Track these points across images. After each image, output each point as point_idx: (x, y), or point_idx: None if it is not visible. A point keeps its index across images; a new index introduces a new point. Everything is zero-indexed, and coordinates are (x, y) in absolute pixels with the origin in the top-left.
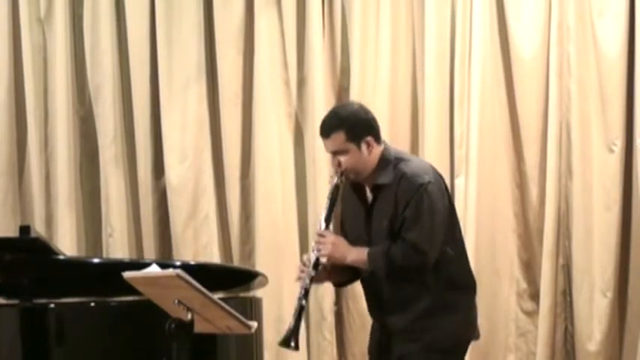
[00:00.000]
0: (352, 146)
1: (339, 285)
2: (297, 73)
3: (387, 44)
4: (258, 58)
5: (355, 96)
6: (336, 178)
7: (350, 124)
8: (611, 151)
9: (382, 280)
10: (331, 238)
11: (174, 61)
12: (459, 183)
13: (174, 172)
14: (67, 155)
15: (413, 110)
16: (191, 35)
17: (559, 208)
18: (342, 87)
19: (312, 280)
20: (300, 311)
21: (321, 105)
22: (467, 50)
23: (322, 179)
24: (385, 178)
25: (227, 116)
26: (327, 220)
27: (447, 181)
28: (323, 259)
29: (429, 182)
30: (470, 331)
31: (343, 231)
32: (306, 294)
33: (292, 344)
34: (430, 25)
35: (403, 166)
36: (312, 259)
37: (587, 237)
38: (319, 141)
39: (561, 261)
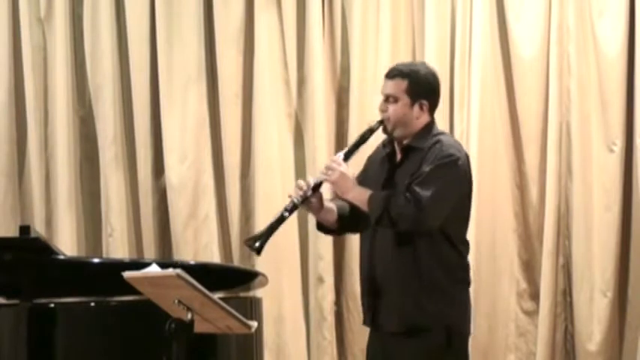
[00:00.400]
0: (407, 99)
1: (321, 227)
2: (297, 73)
3: (387, 44)
4: (258, 58)
5: (355, 96)
6: (374, 123)
7: (417, 79)
8: (611, 151)
9: (382, 239)
10: (342, 168)
11: (175, 61)
12: None
13: (174, 172)
14: (67, 155)
15: None
16: (191, 35)
17: (559, 208)
18: (342, 87)
19: (305, 199)
20: (280, 220)
21: (321, 105)
22: (467, 50)
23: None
24: (420, 143)
25: (227, 116)
26: (347, 154)
27: None
28: (325, 191)
29: (459, 158)
30: (461, 325)
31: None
32: (293, 208)
33: (257, 245)
34: (430, 25)
35: (442, 137)
36: (316, 180)
37: (587, 237)
38: (319, 141)
39: (561, 261)
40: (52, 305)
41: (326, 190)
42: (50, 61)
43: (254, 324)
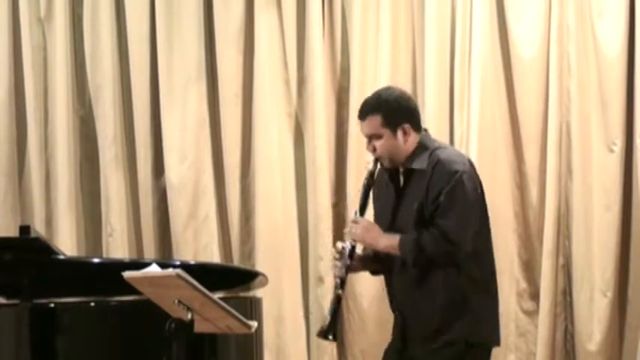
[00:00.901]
0: (387, 132)
1: (376, 273)
2: (297, 73)
3: (387, 44)
4: (258, 58)
5: (355, 96)
6: (371, 165)
7: (388, 109)
8: (611, 151)
9: (409, 268)
10: (364, 222)
11: (175, 61)
12: None
13: (174, 172)
14: (67, 155)
15: None
16: (191, 35)
17: (559, 208)
18: (342, 87)
19: (349, 269)
20: (338, 302)
21: (321, 105)
22: (467, 50)
23: (322, 179)
24: (419, 164)
25: (227, 116)
26: (362, 208)
27: None
28: (358, 247)
29: (464, 172)
30: (485, 334)
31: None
32: (342, 284)
33: (330, 337)
34: (430, 25)
35: (439, 153)
36: (348, 247)
37: (587, 237)
38: (319, 141)
39: (561, 261)
40: (52, 305)
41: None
42: (50, 61)
43: (254, 324)
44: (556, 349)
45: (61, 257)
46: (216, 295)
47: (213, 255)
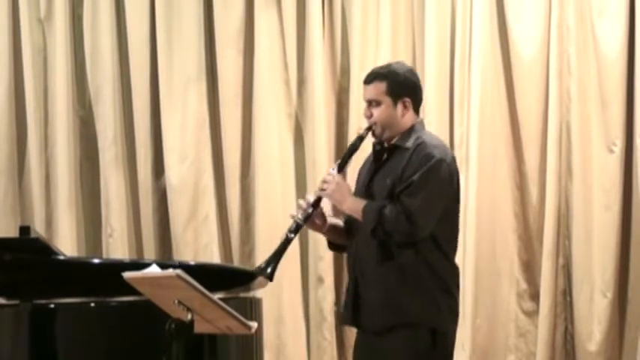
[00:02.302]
0: (388, 100)
1: (333, 247)
2: (297, 73)
3: (387, 44)
4: (258, 58)
5: (355, 96)
6: (363, 130)
7: (394, 79)
8: (611, 151)
9: (367, 236)
10: (337, 179)
11: (175, 61)
12: None
13: (174, 172)
14: (67, 156)
15: None
16: (191, 35)
17: (559, 208)
18: (342, 87)
19: (308, 217)
20: (286, 243)
21: (321, 105)
22: (467, 50)
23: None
24: (405, 142)
25: (227, 116)
26: (341, 166)
27: None
28: (324, 202)
29: (443, 159)
30: (444, 323)
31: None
32: (297, 228)
33: (268, 271)
34: (430, 25)
35: (425, 137)
36: (314, 196)
37: (587, 237)
38: (319, 141)
39: (561, 261)
40: (52, 306)
41: (326, 207)
42: (50, 62)
43: (254, 324)
44: (556, 349)
45: (61, 257)
46: (216, 296)
47: (213, 255)
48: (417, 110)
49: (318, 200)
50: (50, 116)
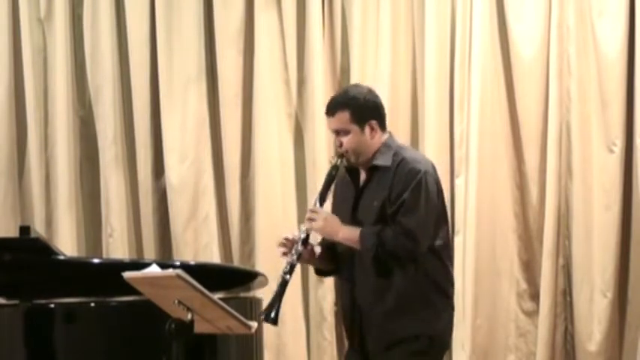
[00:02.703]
0: (355, 128)
1: (320, 272)
2: (297, 73)
3: (387, 44)
4: (258, 58)
5: None
6: (335, 159)
7: (356, 105)
8: (611, 151)
9: (368, 263)
10: (323, 214)
11: (175, 61)
12: (459, 183)
13: (174, 172)
14: (67, 156)
15: (413, 110)
16: (191, 35)
17: (559, 208)
18: (342, 87)
19: (300, 256)
20: (284, 285)
21: (321, 105)
22: (467, 50)
23: (322, 179)
24: (383, 161)
25: (227, 116)
26: (322, 198)
27: (447, 181)
28: (314, 238)
29: (427, 171)
30: (443, 330)
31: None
32: (291, 269)
33: (271, 317)
34: (430, 25)
35: (403, 152)
36: (303, 234)
37: (587, 237)
38: (319, 141)
39: (561, 261)
40: (52, 305)
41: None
42: (50, 62)
43: (254, 324)
44: (556, 349)
45: (61, 257)
46: (217, 296)
47: (213, 255)
48: (384, 127)
49: (307, 237)
50: (50, 116)
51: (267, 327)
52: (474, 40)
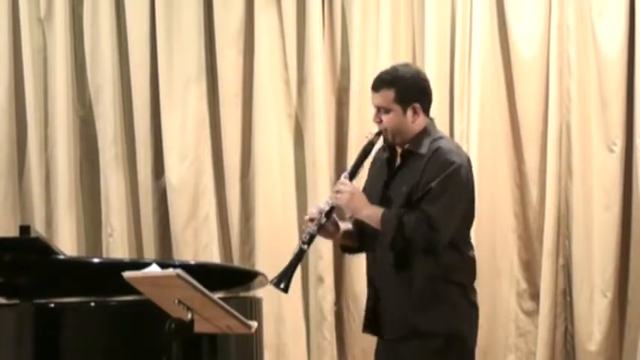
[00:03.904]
0: (397, 108)
1: (346, 249)
2: (297, 73)
3: (387, 44)
4: (258, 58)
5: (355, 96)
6: (373, 135)
7: (403, 86)
8: (611, 151)
9: (386, 246)
10: (351, 188)
11: (175, 61)
12: None
13: (174, 172)
14: (67, 155)
15: None
16: (191, 35)
17: (559, 208)
18: (342, 87)
19: (321, 227)
20: (300, 255)
21: (321, 105)
22: (467, 50)
23: (322, 179)
24: (419, 148)
25: (227, 116)
26: (352, 173)
27: None
28: (339, 208)
29: (462, 165)
30: (463, 329)
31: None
32: (310, 239)
33: (282, 285)
34: (430, 25)
35: (441, 142)
36: (327, 206)
37: (587, 237)
38: (319, 141)
39: (561, 261)
40: (52, 305)
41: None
42: (50, 61)
43: (254, 324)
44: (556, 349)
45: (61, 257)
46: (216, 295)
47: (213, 255)
48: (427, 112)
49: (332, 210)
50: (50, 116)
51: (267, 327)
52: (474, 40)
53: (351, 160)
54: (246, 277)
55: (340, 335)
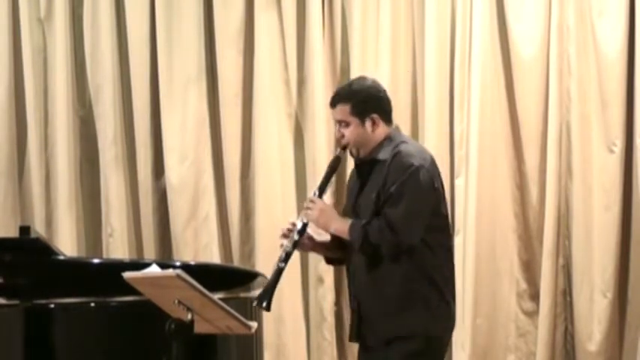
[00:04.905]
0: (356, 120)
1: (329, 261)
2: (297, 73)
3: (387, 44)
4: (258, 58)
5: None
6: (338, 150)
7: (358, 99)
8: (611, 151)
9: (360, 255)
10: (320, 204)
11: (175, 61)
12: (459, 183)
13: (174, 172)
14: (67, 156)
15: (413, 110)
16: (191, 35)
17: (559, 209)
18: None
19: (296, 245)
20: (278, 273)
21: (321, 105)
22: (467, 50)
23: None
24: (382, 154)
25: (227, 116)
26: (321, 189)
27: (447, 181)
28: (309, 228)
29: (421, 166)
30: (439, 329)
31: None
32: (286, 257)
33: (264, 304)
34: (430, 25)
35: (401, 146)
36: (300, 223)
37: (587, 237)
38: (319, 141)
39: (561, 261)
40: (52, 306)
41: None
42: (50, 61)
43: (254, 324)
44: (556, 349)
45: (61, 257)
46: (217, 296)
47: (213, 255)
48: (388, 121)
49: (304, 227)
50: (50, 116)
51: (267, 327)
52: (474, 40)
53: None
54: (246, 277)
55: (340, 335)
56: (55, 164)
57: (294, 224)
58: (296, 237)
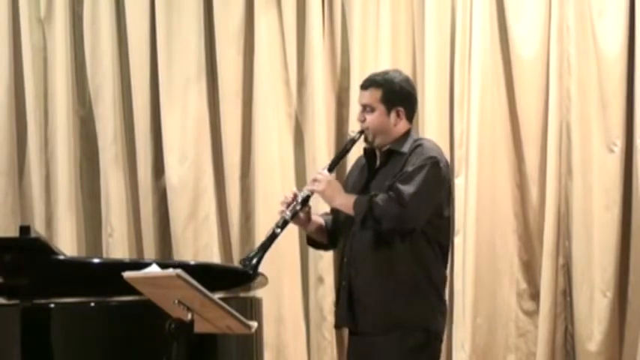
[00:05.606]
0: (382, 108)
1: (311, 242)
2: (297, 73)
3: (387, 44)
4: (258, 58)
5: (355, 96)
6: (355, 133)
7: (390, 87)
8: (611, 151)
9: (358, 228)
10: (328, 177)
11: (174, 61)
12: (459, 183)
13: (174, 172)
14: (67, 155)
15: None
16: (191, 35)
17: (559, 208)
18: (342, 87)
19: (296, 214)
20: (272, 237)
21: (321, 105)
22: (467, 50)
23: None
24: (401, 147)
25: (227, 116)
26: (332, 166)
27: None
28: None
29: (440, 162)
30: (437, 325)
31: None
32: (284, 224)
33: (252, 264)
34: (430, 25)
35: (423, 141)
36: (304, 193)
37: (587, 237)
38: (319, 141)
39: (561, 261)
40: (52, 305)
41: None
42: (50, 61)
43: (254, 324)
44: (556, 349)
45: (61, 257)
46: (217, 296)
47: (213, 255)
48: (410, 119)
49: (308, 198)
50: (50, 116)
51: (267, 327)
52: (474, 40)
53: (351, 160)
54: (247, 277)
55: (340, 335)
56: (55, 164)
57: (295, 194)
58: (298, 207)
